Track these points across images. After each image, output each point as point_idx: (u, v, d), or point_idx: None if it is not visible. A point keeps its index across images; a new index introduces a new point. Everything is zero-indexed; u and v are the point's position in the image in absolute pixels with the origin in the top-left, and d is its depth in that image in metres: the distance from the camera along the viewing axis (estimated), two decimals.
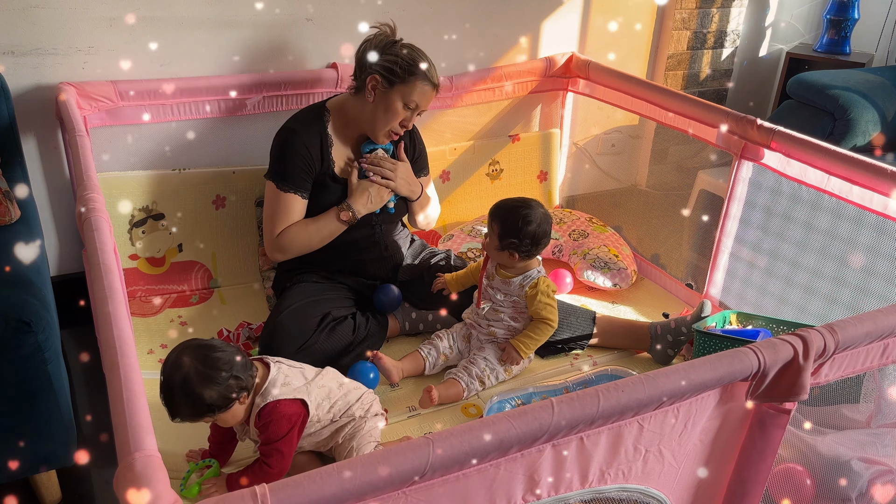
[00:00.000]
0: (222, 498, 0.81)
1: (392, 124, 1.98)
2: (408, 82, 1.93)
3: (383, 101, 1.96)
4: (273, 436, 1.49)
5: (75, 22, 2.08)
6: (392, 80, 1.93)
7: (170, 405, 1.41)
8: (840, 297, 2.07)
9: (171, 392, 1.40)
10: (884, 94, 2.94)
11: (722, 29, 3.20)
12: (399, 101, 1.95)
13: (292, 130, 2.00)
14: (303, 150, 1.98)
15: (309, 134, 2.00)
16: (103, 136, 2.20)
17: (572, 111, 2.89)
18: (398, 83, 1.93)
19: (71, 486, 1.75)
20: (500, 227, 1.89)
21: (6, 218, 1.76)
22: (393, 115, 1.96)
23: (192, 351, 1.41)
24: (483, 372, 1.93)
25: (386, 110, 1.96)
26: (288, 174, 1.99)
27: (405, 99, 1.94)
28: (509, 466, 1.01)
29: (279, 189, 2.00)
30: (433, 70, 1.96)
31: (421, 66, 1.92)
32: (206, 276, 2.38)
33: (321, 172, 2.02)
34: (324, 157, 2.02)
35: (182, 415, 1.42)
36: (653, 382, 1.05)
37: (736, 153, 2.16)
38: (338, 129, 2.05)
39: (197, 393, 1.39)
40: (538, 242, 1.90)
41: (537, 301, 1.92)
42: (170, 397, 1.40)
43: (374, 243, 2.12)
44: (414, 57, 1.93)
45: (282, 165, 1.99)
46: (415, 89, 1.93)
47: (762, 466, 1.26)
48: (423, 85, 1.94)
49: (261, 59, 2.35)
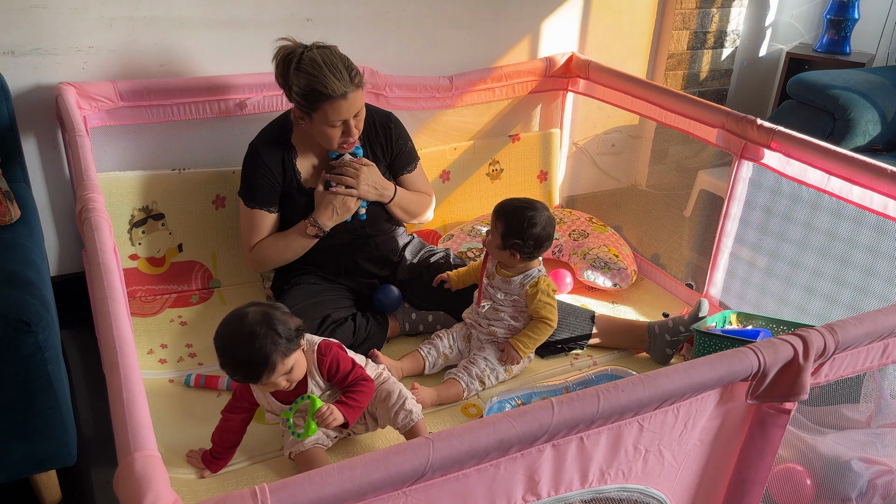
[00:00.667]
0: (222, 498, 0.81)
1: (333, 143, 1.96)
2: (317, 110, 1.87)
3: (312, 129, 1.95)
4: (345, 369, 1.59)
5: (75, 22, 2.08)
6: (306, 110, 1.89)
7: (255, 358, 1.44)
8: (840, 297, 2.07)
9: (252, 342, 1.43)
10: (884, 94, 2.94)
11: (722, 29, 3.20)
12: (324, 125, 1.90)
13: (255, 149, 2.03)
14: (263, 168, 2.00)
15: (270, 152, 2.01)
16: (103, 136, 2.20)
17: (572, 111, 2.89)
18: (311, 112, 1.89)
19: (71, 486, 1.75)
20: (504, 226, 1.89)
21: (6, 218, 1.76)
22: (328, 138, 1.94)
23: (247, 311, 1.46)
24: (483, 372, 1.93)
25: (320, 136, 1.95)
26: (253, 192, 2.03)
27: (327, 122, 1.89)
28: (509, 466, 1.01)
29: (247, 206, 2.04)
30: (334, 81, 1.82)
31: (318, 88, 1.82)
32: (206, 276, 2.38)
33: (286, 186, 2.04)
34: (286, 171, 2.03)
35: (270, 359, 1.44)
36: (653, 382, 1.05)
37: (736, 153, 2.16)
38: (301, 139, 2.04)
39: (276, 329, 1.44)
40: (541, 245, 1.91)
41: (537, 300, 1.92)
42: (251, 350, 1.43)
43: (363, 244, 2.11)
44: (309, 82, 1.82)
45: (246, 184, 2.04)
46: (327, 113, 1.86)
47: (762, 466, 1.26)
48: (331, 104, 1.85)
49: (261, 59, 2.34)
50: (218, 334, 1.48)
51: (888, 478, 1.54)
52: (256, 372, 1.47)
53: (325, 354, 1.59)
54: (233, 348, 1.46)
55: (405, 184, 2.21)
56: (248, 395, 1.62)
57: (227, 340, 1.47)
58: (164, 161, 2.32)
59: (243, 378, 1.51)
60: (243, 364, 1.47)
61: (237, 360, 1.47)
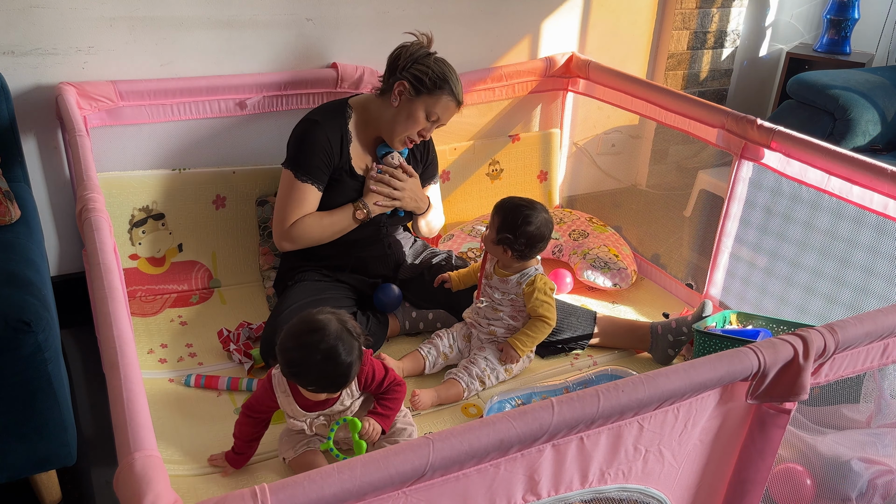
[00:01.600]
0: (222, 498, 0.81)
1: (411, 132, 2.01)
2: (434, 94, 1.96)
3: (407, 108, 1.98)
4: (379, 376, 1.61)
5: (75, 22, 2.08)
6: (419, 89, 1.95)
7: (339, 374, 1.45)
8: (840, 297, 2.07)
9: (336, 358, 1.43)
10: (884, 94, 2.94)
11: (722, 29, 3.20)
12: (422, 110, 1.98)
13: (315, 122, 2.01)
14: (324, 142, 1.99)
15: (331, 127, 2.01)
16: (103, 136, 2.20)
17: (572, 111, 2.89)
18: (425, 93, 1.96)
19: (71, 486, 1.75)
20: (500, 220, 1.90)
21: (6, 218, 1.76)
22: (414, 123, 1.99)
23: (323, 321, 1.46)
24: (483, 372, 1.93)
25: (408, 117, 1.99)
26: (307, 164, 1.99)
27: (428, 110, 1.98)
28: (509, 466, 1.01)
29: (296, 178, 2.00)
30: (460, 88, 1.99)
31: (451, 81, 1.96)
32: (206, 276, 2.38)
33: (338, 167, 2.03)
34: (342, 152, 2.03)
35: (352, 373, 1.47)
36: (653, 382, 1.05)
37: (736, 153, 2.16)
38: (357, 127, 2.07)
39: (355, 343, 1.47)
40: (533, 245, 1.91)
41: (534, 298, 1.92)
42: (336, 364, 1.44)
43: (377, 241, 2.12)
44: (444, 72, 1.96)
45: (302, 155, 2.00)
46: (439, 102, 1.97)
47: (762, 466, 1.26)
48: (448, 99, 1.98)
49: (261, 59, 2.35)
50: (293, 345, 1.45)
51: (888, 478, 1.54)
52: (336, 385, 1.49)
53: (363, 364, 1.57)
54: (312, 362, 1.43)
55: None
56: (271, 398, 1.59)
57: (305, 352, 1.43)
58: (164, 161, 2.32)
59: (317, 389, 1.49)
60: (324, 378, 1.46)
61: (318, 374, 1.45)
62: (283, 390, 1.58)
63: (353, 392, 1.62)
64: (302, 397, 1.57)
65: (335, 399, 1.59)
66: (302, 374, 1.46)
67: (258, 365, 1.98)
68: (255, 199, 2.39)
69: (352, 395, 1.62)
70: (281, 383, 1.58)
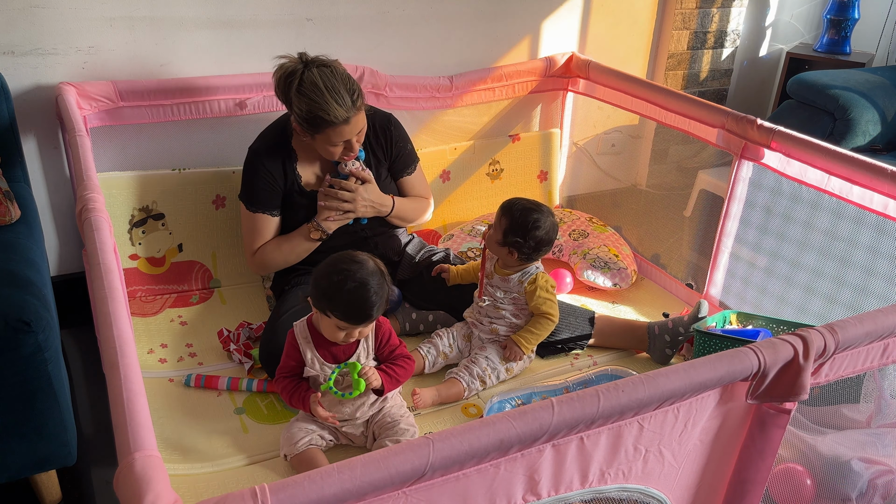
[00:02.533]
0: (222, 498, 0.81)
1: (337, 156, 1.97)
2: (319, 132, 1.88)
3: (315, 145, 1.95)
4: (394, 342, 1.71)
5: (75, 22, 2.08)
6: (309, 132, 1.90)
7: (368, 305, 1.54)
8: (840, 297, 2.07)
9: (367, 290, 1.54)
10: (884, 94, 2.94)
11: (722, 29, 3.20)
12: (326, 144, 1.92)
13: (255, 153, 2.02)
14: (264, 172, 2.00)
15: (270, 157, 2.01)
16: (103, 136, 2.20)
17: (572, 111, 2.89)
18: (315, 134, 1.90)
19: (71, 486, 1.75)
20: (508, 222, 1.90)
21: (6, 218, 1.76)
22: (330, 153, 1.95)
23: (364, 258, 1.58)
24: (484, 371, 1.93)
25: (323, 151, 1.96)
26: (254, 196, 2.03)
27: (329, 142, 1.91)
28: (509, 466, 1.01)
29: (248, 210, 2.04)
30: (336, 107, 1.81)
31: (320, 114, 1.82)
32: (206, 276, 2.38)
33: (287, 189, 2.04)
34: (287, 175, 2.03)
35: (376, 311, 1.57)
36: (653, 382, 1.05)
37: (736, 153, 2.16)
38: (302, 144, 2.04)
39: (386, 287, 1.60)
40: (539, 249, 1.92)
41: (537, 296, 1.93)
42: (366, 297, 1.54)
43: (363, 244, 2.11)
44: (310, 108, 1.82)
45: (248, 188, 2.04)
46: (329, 135, 1.88)
47: (762, 466, 1.26)
48: (333, 129, 1.86)
49: (261, 59, 2.34)
50: (332, 270, 1.56)
51: (888, 478, 1.54)
52: (361, 316, 1.55)
53: (381, 324, 1.69)
54: (346, 289, 1.53)
55: (405, 186, 2.21)
56: (296, 350, 1.67)
57: (342, 277, 1.53)
58: (164, 161, 2.32)
59: (342, 315, 1.55)
60: (352, 306, 1.54)
61: (348, 301, 1.53)
62: (305, 336, 1.66)
63: (369, 348, 1.67)
64: (322, 348, 1.64)
65: (352, 350, 1.66)
66: (334, 300, 1.54)
67: (258, 365, 1.98)
68: None
69: (367, 351, 1.66)
70: (303, 331, 1.66)
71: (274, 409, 1.86)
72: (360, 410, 1.67)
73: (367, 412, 1.69)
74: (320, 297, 1.57)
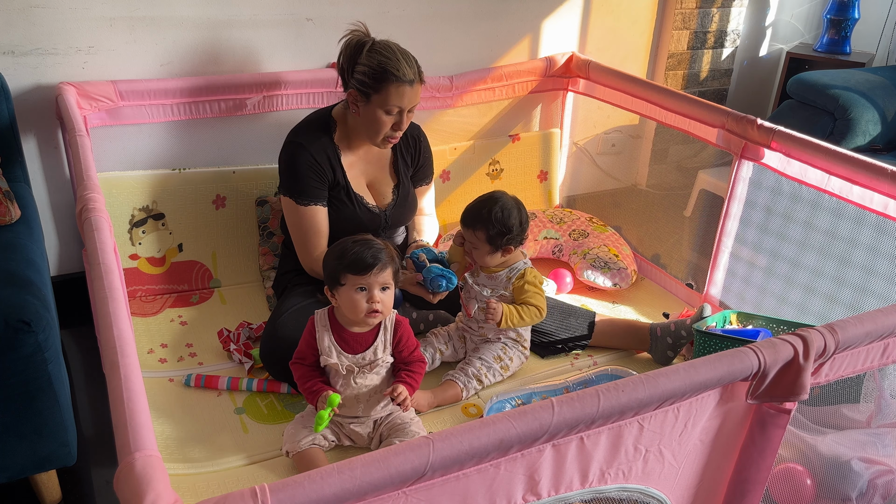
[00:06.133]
0: (222, 498, 0.81)
1: (383, 133, 1.97)
2: (381, 91, 1.88)
3: (366, 114, 1.94)
4: (412, 343, 1.73)
5: (75, 22, 2.08)
6: (366, 92, 1.90)
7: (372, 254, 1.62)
8: (840, 296, 2.07)
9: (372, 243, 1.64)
10: (884, 94, 2.94)
11: (722, 29, 3.20)
12: (379, 110, 1.91)
13: (300, 146, 1.99)
14: (313, 163, 1.98)
15: (316, 148, 1.99)
16: (103, 136, 2.20)
17: (572, 111, 2.89)
18: (373, 94, 1.90)
19: (71, 486, 1.75)
20: (486, 232, 1.89)
21: (6, 218, 1.76)
22: (379, 125, 1.94)
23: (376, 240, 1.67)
24: (479, 370, 1.93)
25: (371, 122, 1.94)
26: (303, 188, 1.99)
27: (384, 107, 1.91)
28: (509, 466, 1.01)
29: (299, 204, 1.99)
30: (406, 66, 1.88)
31: (389, 68, 1.86)
32: (206, 276, 2.38)
33: (334, 184, 2.03)
34: (335, 168, 2.02)
35: (380, 260, 1.62)
36: (653, 382, 1.05)
37: (736, 153, 2.16)
38: (344, 139, 2.05)
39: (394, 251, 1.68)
40: (525, 225, 1.93)
41: (525, 290, 1.93)
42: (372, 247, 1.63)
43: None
44: (381, 61, 1.87)
45: (295, 181, 1.99)
46: (389, 95, 1.88)
47: (762, 466, 1.26)
48: (397, 88, 1.88)
49: (260, 59, 2.35)
50: (336, 244, 1.67)
51: (888, 478, 1.54)
52: (370, 260, 1.60)
53: (400, 322, 1.72)
54: (353, 246, 1.62)
55: (417, 195, 2.23)
56: (314, 337, 1.68)
57: (348, 239, 1.65)
58: (164, 161, 2.32)
59: (353, 267, 1.60)
60: (359, 253, 1.60)
61: (355, 252, 1.60)
62: (324, 324, 1.68)
63: (387, 341, 1.69)
64: (341, 338, 1.67)
65: (370, 342, 1.67)
66: (343, 257, 1.61)
67: (258, 365, 1.98)
68: (255, 199, 2.39)
69: (385, 344, 1.69)
70: (323, 319, 1.68)
71: (274, 409, 1.86)
72: (374, 409, 1.69)
73: (380, 412, 1.70)
74: (332, 268, 1.62)
